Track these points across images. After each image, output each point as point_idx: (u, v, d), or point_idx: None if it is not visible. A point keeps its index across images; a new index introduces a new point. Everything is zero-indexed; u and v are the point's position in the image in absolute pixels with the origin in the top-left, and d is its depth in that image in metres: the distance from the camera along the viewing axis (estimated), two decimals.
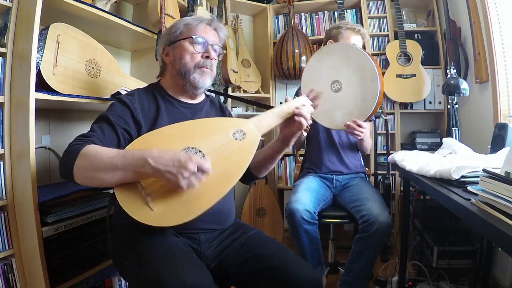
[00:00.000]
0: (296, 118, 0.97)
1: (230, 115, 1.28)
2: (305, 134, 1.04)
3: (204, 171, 0.78)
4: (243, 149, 0.90)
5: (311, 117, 1.01)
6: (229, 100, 2.55)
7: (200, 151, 0.86)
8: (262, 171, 1.14)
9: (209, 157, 0.83)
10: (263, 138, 0.99)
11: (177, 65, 1.08)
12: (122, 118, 0.97)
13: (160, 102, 1.07)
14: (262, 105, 2.06)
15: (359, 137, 1.44)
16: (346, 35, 1.68)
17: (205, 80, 1.09)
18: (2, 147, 1.13)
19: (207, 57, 1.08)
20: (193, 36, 1.06)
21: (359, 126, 1.36)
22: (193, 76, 1.07)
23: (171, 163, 0.76)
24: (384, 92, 1.35)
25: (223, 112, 1.24)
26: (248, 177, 1.14)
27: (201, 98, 1.18)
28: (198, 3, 2.00)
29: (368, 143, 1.67)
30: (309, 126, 1.01)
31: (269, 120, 0.98)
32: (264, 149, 1.10)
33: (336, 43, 1.62)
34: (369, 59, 1.32)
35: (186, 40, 1.07)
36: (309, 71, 1.42)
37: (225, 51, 1.19)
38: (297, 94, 1.82)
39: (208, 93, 1.24)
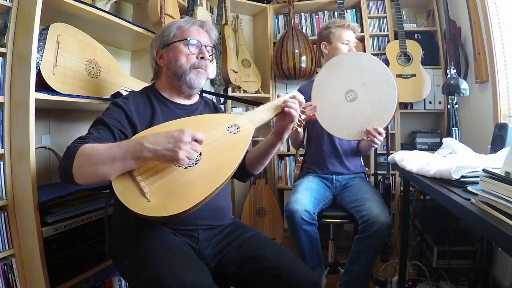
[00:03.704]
0: (286, 109, 0.98)
1: None
2: (300, 129, 1.05)
3: (198, 140, 0.81)
4: (237, 142, 0.93)
5: (314, 118, 1.01)
6: (229, 101, 2.55)
7: None
8: (257, 167, 1.15)
9: (204, 150, 0.86)
10: (259, 138, 0.99)
11: (172, 67, 1.10)
12: (117, 120, 0.99)
13: (155, 104, 1.09)
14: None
15: (376, 146, 1.40)
16: (338, 33, 1.67)
17: (200, 80, 1.12)
18: (2, 147, 1.13)
19: (202, 57, 1.11)
20: (188, 38, 1.09)
21: (379, 133, 1.31)
22: (189, 77, 1.09)
23: (166, 140, 0.78)
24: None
25: (217, 111, 1.26)
26: (244, 174, 1.15)
27: (195, 99, 1.21)
28: (198, 3, 2.00)
29: (373, 148, 1.64)
30: (302, 121, 1.04)
31: (261, 114, 1.01)
32: (259, 145, 1.12)
33: (345, 54, 1.61)
34: (382, 64, 1.30)
35: (180, 42, 1.09)
36: (320, 84, 1.38)
37: (215, 51, 1.22)
38: None
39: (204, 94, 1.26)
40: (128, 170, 0.81)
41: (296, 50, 2.49)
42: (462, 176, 0.89)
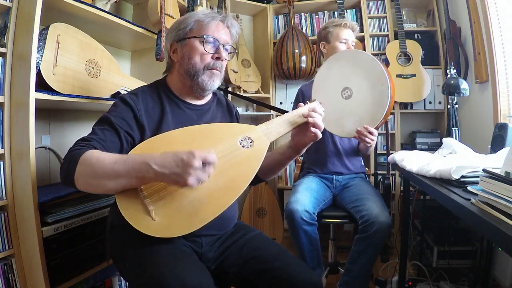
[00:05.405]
0: (313, 129, 0.95)
1: (237, 114, 1.24)
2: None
3: (211, 163, 0.75)
4: (250, 158, 0.87)
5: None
6: (229, 99, 2.55)
7: None
8: (269, 175, 1.12)
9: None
10: None
11: (185, 64, 1.02)
12: (124, 120, 0.93)
13: (165, 103, 1.03)
14: (263, 104, 2.06)
15: (369, 145, 1.39)
16: (335, 32, 1.68)
17: (214, 82, 1.04)
18: (2, 147, 1.13)
19: (218, 58, 1.02)
20: (204, 36, 1.00)
21: (370, 133, 1.30)
22: (202, 78, 1.01)
23: (174, 164, 0.74)
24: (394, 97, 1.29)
25: (230, 111, 1.20)
26: (255, 180, 1.12)
27: (208, 98, 1.13)
28: (198, 3, 2.00)
29: (372, 148, 1.63)
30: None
31: (278, 127, 0.95)
32: (274, 154, 1.07)
33: (344, 50, 1.60)
34: (378, 63, 1.30)
35: (196, 38, 1.01)
36: (320, 80, 1.37)
37: (236, 50, 1.14)
38: (298, 96, 1.81)
39: (216, 91, 1.21)
40: (133, 187, 0.79)
41: (296, 50, 2.49)
42: (462, 176, 0.89)
